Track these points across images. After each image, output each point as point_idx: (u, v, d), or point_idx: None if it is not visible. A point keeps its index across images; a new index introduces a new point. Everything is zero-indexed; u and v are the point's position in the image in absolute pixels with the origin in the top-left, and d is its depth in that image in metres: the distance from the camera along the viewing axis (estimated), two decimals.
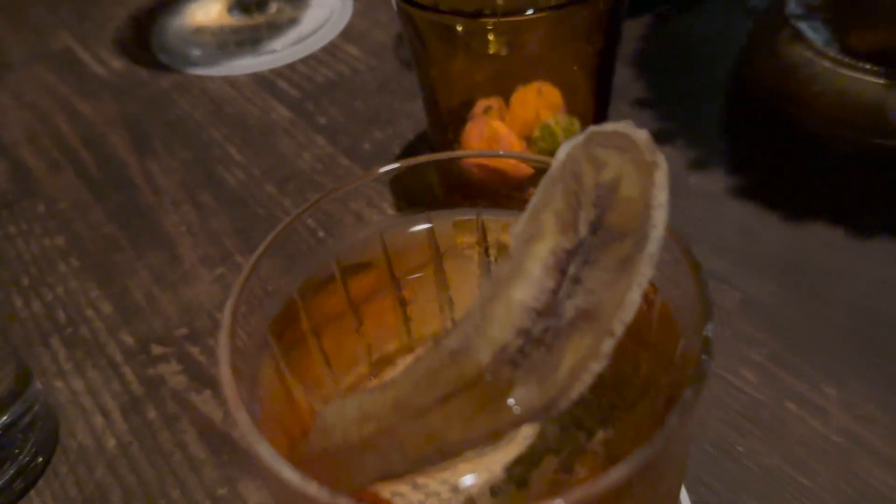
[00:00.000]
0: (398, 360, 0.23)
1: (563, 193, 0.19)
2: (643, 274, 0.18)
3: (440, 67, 0.37)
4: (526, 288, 0.18)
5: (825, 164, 0.42)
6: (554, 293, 0.18)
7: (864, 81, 0.40)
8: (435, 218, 0.24)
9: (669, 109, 0.46)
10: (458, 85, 0.38)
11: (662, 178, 0.18)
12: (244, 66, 0.54)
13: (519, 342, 0.18)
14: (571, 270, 0.18)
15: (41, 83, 0.55)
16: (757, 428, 0.30)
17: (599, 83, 0.38)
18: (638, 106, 0.47)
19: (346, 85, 0.52)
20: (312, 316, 0.22)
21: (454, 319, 0.24)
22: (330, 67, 0.54)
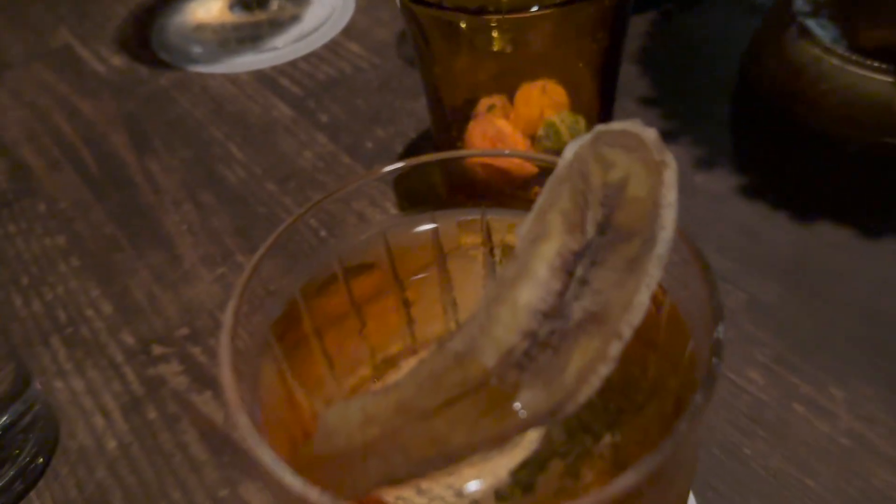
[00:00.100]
0: (401, 362, 0.23)
1: (570, 193, 0.19)
2: (652, 275, 0.17)
3: (443, 65, 0.37)
4: (532, 289, 0.18)
5: (832, 163, 0.41)
6: (561, 295, 0.18)
7: (872, 79, 0.40)
8: (439, 218, 0.24)
9: (674, 107, 0.46)
10: (461, 83, 0.38)
11: (671, 177, 0.18)
12: (245, 63, 0.54)
13: (525, 345, 0.18)
14: (578, 272, 0.18)
15: (41, 81, 0.55)
16: (763, 430, 0.30)
17: (604, 81, 0.38)
18: (643, 104, 0.46)
19: (347, 83, 0.51)
20: (315, 317, 0.22)
21: (458, 321, 0.23)
22: (332, 65, 0.53)
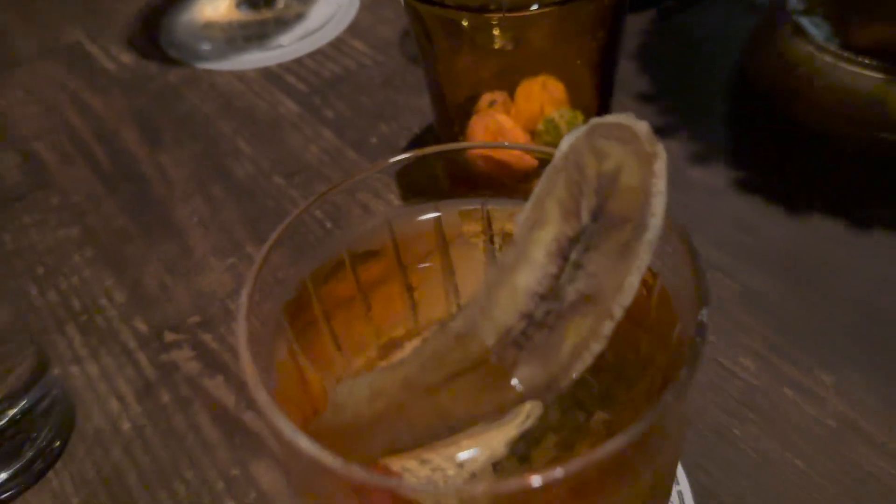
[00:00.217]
0: (406, 343, 0.24)
1: (566, 182, 0.20)
2: (642, 259, 0.19)
3: (446, 62, 0.38)
4: (530, 273, 0.19)
5: (825, 158, 0.43)
6: (556, 278, 0.19)
7: (864, 76, 0.41)
8: (442, 207, 0.25)
9: (672, 104, 0.47)
10: (463, 79, 0.39)
11: (662, 167, 0.19)
12: (252, 60, 0.55)
13: (522, 325, 0.19)
14: (573, 256, 0.19)
15: (52, 78, 0.56)
16: (754, 413, 0.31)
17: (602, 77, 0.39)
18: (641, 100, 0.47)
19: (352, 79, 0.52)
20: (324, 301, 0.23)
21: (459, 305, 0.24)
22: (337, 62, 0.54)
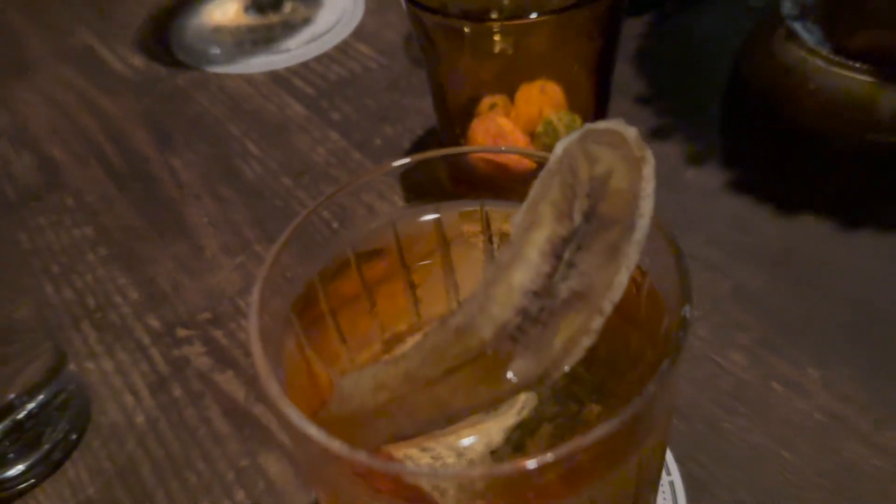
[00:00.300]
0: (408, 338, 0.25)
1: (559, 186, 0.21)
2: (631, 258, 0.20)
3: (448, 66, 0.39)
4: (524, 272, 0.20)
5: (818, 159, 0.44)
6: (550, 276, 0.20)
7: (855, 80, 0.42)
8: (442, 209, 0.26)
9: (668, 106, 0.48)
10: (465, 83, 0.40)
11: (649, 171, 0.20)
12: (260, 64, 0.57)
13: (518, 320, 0.20)
14: (566, 255, 0.20)
15: (63, 80, 0.58)
16: (744, 406, 0.32)
17: (600, 81, 0.40)
18: (638, 102, 0.48)
19: (358, 83, 0.54)
20: (330, 298, 0.24)
21: (459, 301, 0.26)
22: (343, 66, 0.56)
